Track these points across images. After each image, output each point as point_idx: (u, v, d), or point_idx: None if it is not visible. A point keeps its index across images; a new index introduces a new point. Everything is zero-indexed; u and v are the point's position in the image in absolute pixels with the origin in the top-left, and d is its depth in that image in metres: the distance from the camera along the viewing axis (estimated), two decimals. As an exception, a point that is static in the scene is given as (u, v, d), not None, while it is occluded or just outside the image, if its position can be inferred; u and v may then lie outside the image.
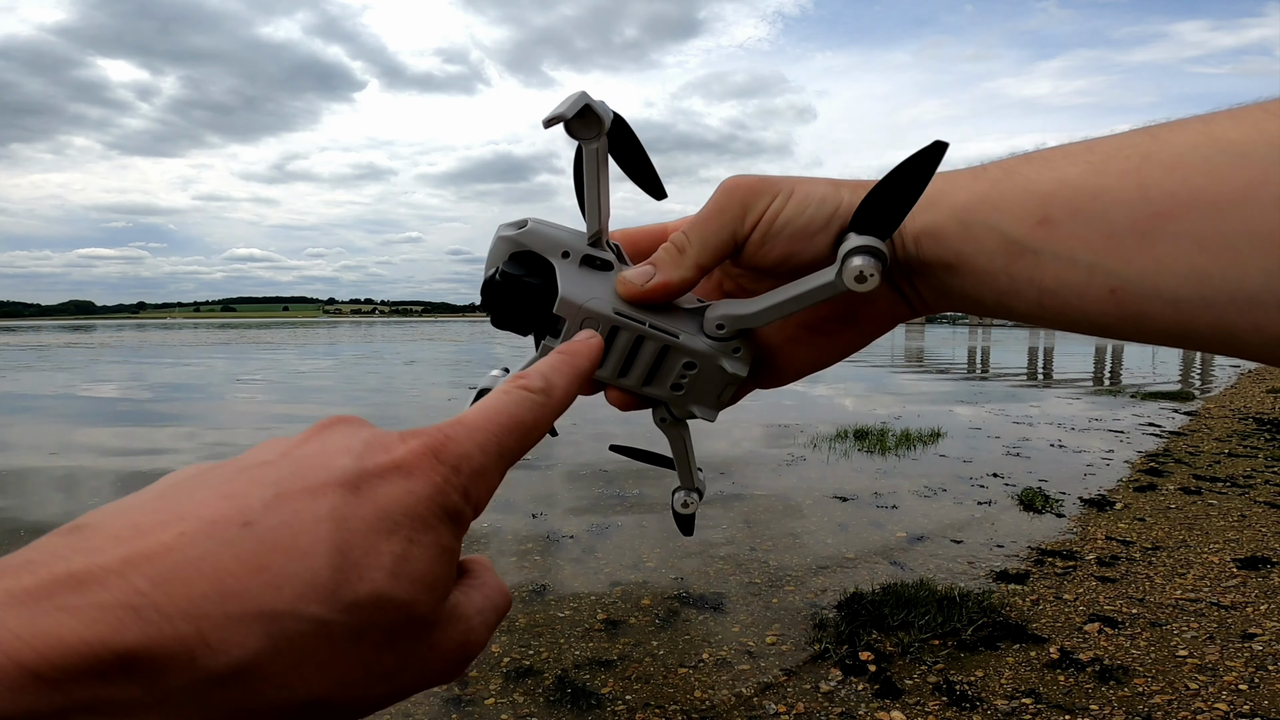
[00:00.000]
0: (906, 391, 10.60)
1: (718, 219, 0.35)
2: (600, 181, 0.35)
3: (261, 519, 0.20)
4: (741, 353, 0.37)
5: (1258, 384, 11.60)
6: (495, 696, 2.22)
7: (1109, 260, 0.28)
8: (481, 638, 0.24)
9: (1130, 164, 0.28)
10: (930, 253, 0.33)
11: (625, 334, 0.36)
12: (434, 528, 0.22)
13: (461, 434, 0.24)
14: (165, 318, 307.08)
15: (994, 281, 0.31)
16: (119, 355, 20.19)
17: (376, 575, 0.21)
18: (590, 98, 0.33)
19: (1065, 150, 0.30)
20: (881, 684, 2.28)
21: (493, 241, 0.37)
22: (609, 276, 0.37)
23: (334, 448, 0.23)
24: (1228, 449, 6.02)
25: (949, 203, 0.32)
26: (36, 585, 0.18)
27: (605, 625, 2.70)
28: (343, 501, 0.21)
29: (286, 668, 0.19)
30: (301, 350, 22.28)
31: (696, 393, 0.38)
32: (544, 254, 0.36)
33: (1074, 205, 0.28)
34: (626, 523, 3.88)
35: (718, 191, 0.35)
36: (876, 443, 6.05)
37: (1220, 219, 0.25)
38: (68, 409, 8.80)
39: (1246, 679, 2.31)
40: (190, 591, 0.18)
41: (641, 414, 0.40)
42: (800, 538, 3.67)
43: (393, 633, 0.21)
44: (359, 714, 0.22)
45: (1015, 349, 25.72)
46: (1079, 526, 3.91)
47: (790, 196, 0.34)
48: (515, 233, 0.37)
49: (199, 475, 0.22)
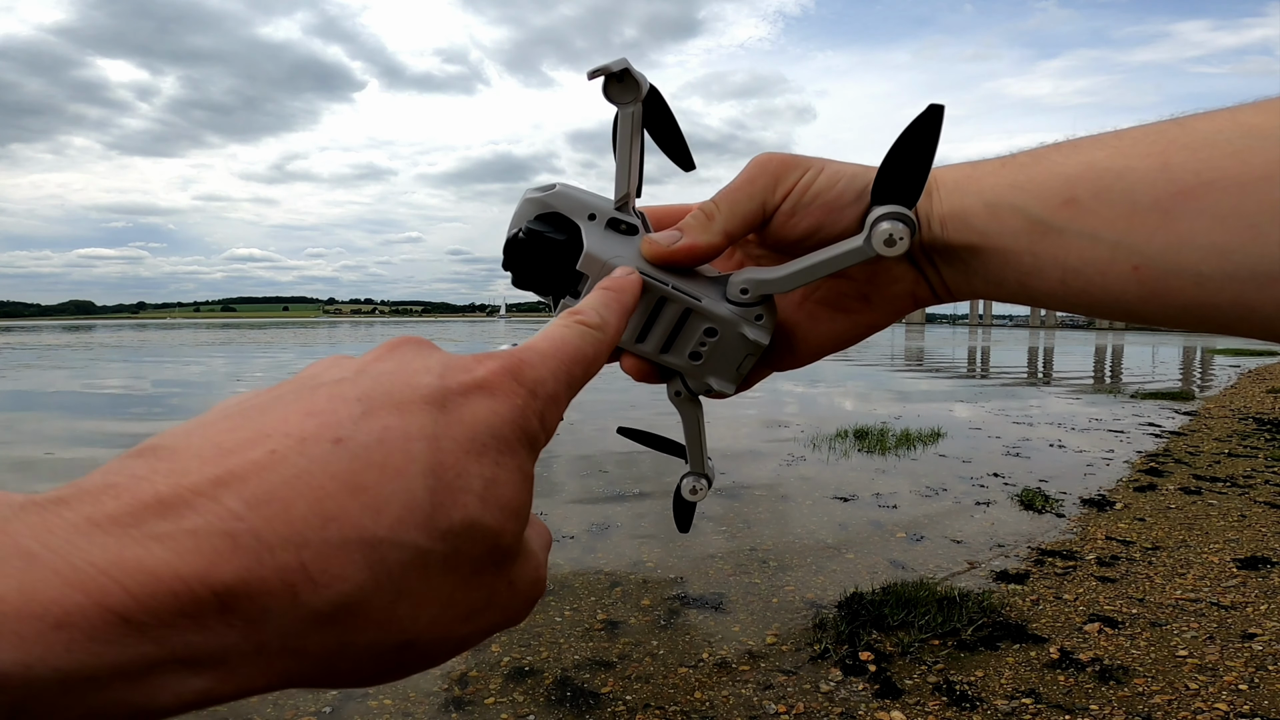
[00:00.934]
0: (906, 391, 10.61)
1: (748, 188, 0.35)
2: (632, 146, 0.35)
3: (353, 435, 0.19)
4: (764, 320, 0.36)
5: (1258, 384, 11.61)
6: (495, 696, 2.22)
7: (1132, 237, 0.28)
8: (545, 576, 0.24)
9: (1155, 147, 0.28)
10: (956, 235, 0.33)
11: (647, 296, 0.36)
12: (516, 451, 0.21)
13: (535, 359, 0.24)
14: (165, 318, 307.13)
15: (1018, 261, 0.32)
16: (119, 355, 20.20)
17: (469, 500, 0.19)
18: (631, 64, 0.34)
19: (1094, 138, 0.31)
20: (881, 684, 2.28)
21: (519, 204, 0.38)
22: (634, 240, 0.36)
23: (414, 366, 0.22)
24: (1228, 449, 6.02)
25: (975, 187, 0.33)
26: (121, 511, 0.16)
27: (605, 625, 2.69)
28: (432, 420, 0.20)
29: (386, 604, 0.18)
30: (301, 351, 22.29)
31: (715, 362, 0.38)
32: (570, 215, 0.36)
33: (1099, 185, 0.29)
34: (626, 522, 3.88)
35: (750, 164, 0.35)
36: (876, 443, 6.05)
37: (1243, 196, 0.26)
38: (67, 408, 8.80)
39: (1246, 679, 2.31)
40: (290, 515, 0.17)
41: (644, 411, 0.40)
42: (800, 538, 3.67)
43: (480, 565, 0.20)
44: (439, 659, 0.21)
45: (1015, 349, 25.72)
46: (1079, 526, 3.91)
47: (821, 171, 0.35)
48: (543, 194, 0.37)
49: (268, 394, 0.21)
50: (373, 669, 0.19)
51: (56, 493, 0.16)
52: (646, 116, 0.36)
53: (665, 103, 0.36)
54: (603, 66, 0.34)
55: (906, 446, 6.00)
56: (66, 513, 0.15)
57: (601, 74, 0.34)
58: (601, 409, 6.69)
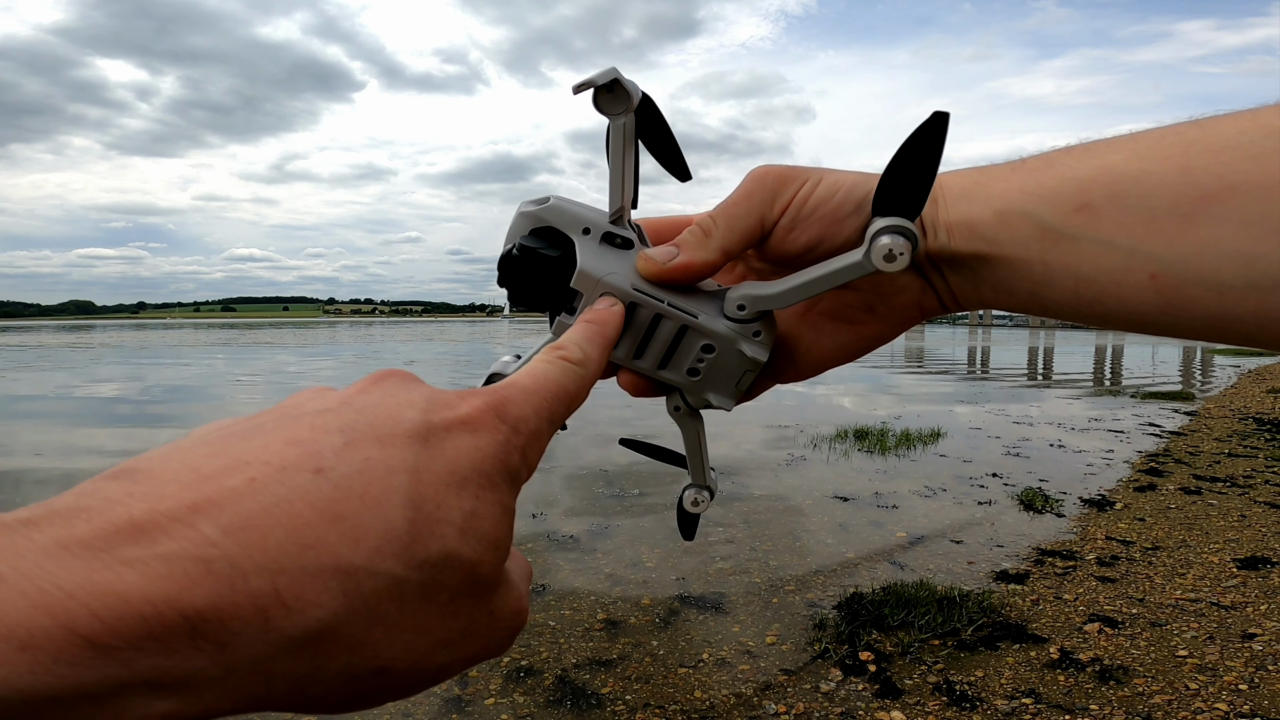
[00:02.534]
0: (906, 391, 10.60)
1: (745, 203, 0.34)
2: (625, 158, 0.35)
3: (334, 465, 0.19)
4: (762, 336, 0.36)
5: (1258, 384, 11.61)
6: (495, 696, 2.22)
7: (1150, 244, 0.27)
8: (527, 607, 0.24)
9: (1175, 149, 0.27)
10: (963, 244, 0.32)
11: (643, 312, 0.35)
12: (498, 486, 0.22)
13: (518, 396, 0.24)
14: (165, 318, 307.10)
15: (1029, 271, 0.31)
16: (120, 355, 20.19)
17: (448, 532, 0.20)
18: (620, 74, 0.33)
19: (1108, 141, 0.30)
20: (881, 684, 2.28)
21: (513, 218, 0.37)
22: (629, 255, 0.36)
23: (398, 400, 0.22)
24: (1228, 449, 6.02)
25: (984, 194, 0.32)
26: (92, 534, 0.15)
27: (605, 625, 2.69)
28: (414, 454, 0.20)
29: (359, 631, 0.18)
30: (302, 351, 22.29)
31: (714, 378, 0.37)
32: (565, 230, 0.36)
33: (1114, 190, 0.28)
34: (626, 523, 3.88)
35: (746, 178, 0.35)
36: (876, 443, 6.05)
37: (1267, 202, 0.25)
38: (66, 409, 8.80)
39: (1246, 679, 2.31)
40: (266, 542, 0.17)
41: (644, 416, 0.40)
42: (800, 538, 3.67)
43: (458, 595, 0.20)
44: (417, 687, 0.21)
45: (1015, 349, 25.72)
46: (1079, 526, 3.91)
47: (819, 183, 0.34)
48: (537, 208, 0.36)
49: (249, 422, 0.21)
50: (346, 694, 0.19)
51: (26, 513, 0.16)
52: (639, 126, 0.35)
53: (659, 111, 0.36)
54: (588, 80, 0.33)
55: (906, 446, 6.00)
56: (36, 534, 0.15)
57: (588, 87, 0.33)
58: (603, 417, 6.70)
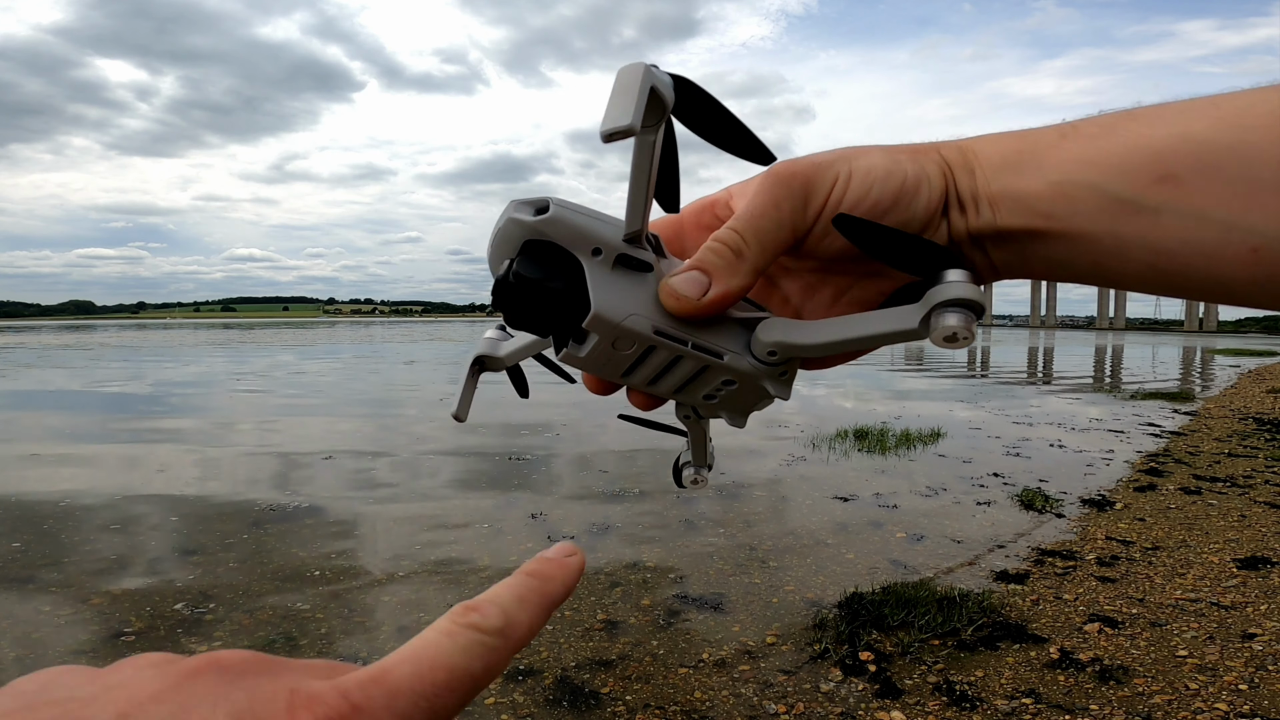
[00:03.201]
0: (906, 391, 10.60)
1: (775, 214, 0.30)
2: (651, 175, 0.29)
3: None
4: (788, 375, 0.33)
5: (1258, 384, 11.61)
6: (495, 696, 2.22)
7: (1251, 218, 0.26)
8: None
9: (1271, 119, 0.26)
10: (1013, 219, 0.30)
11: (664, 352, 0.32)
12: None
13: (380, 701, 0.17)
14: (165, 318, 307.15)
15: (1095, 245, 0.29)
16: (120, 356, 20.20)
17: None
18: (656, 77, 0.27)
19: (1180, 106, 0.28)
20: (881, 684, 2.28)
21: (502, 222, 0.30)
22: (648, 281, 0.31)
23: (193, 713, 0.16)
24: (1228, 449, 6.02)
25: (1034, 164, 0.29)
26: None
27: (605, 625, 2.69)
28: None
29: None
30: (301, 351, 22.29)
31: (730, 404, 0.35)
32: (570, 249, 0.30)
33: (1204, 160, 0.26)
34: (626, 522, 3.88)
35: (769, 181, 0.31)
36: (876, 443, 6.05)
37: None
38: (66, 409, 8.80)
39: (1246, 679, 2.31)
40: None
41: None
42: (800, 538, 3.67)
43: None
44: None
45: (1015, 349, 25.72)
46: (1079, 526, 3.91)
47: (850, 179, 0.30)
48: (534, 219, 0.30)
49: None
50: None
51: None
52: (686, 120, 0.30)
53: (704, 95, 0.29)
54: (620, 128, 0.25)
55: (906, 446, 6.00)
56: None
57: (624, 137, 0.26)
58: (602, 415, 6.69)
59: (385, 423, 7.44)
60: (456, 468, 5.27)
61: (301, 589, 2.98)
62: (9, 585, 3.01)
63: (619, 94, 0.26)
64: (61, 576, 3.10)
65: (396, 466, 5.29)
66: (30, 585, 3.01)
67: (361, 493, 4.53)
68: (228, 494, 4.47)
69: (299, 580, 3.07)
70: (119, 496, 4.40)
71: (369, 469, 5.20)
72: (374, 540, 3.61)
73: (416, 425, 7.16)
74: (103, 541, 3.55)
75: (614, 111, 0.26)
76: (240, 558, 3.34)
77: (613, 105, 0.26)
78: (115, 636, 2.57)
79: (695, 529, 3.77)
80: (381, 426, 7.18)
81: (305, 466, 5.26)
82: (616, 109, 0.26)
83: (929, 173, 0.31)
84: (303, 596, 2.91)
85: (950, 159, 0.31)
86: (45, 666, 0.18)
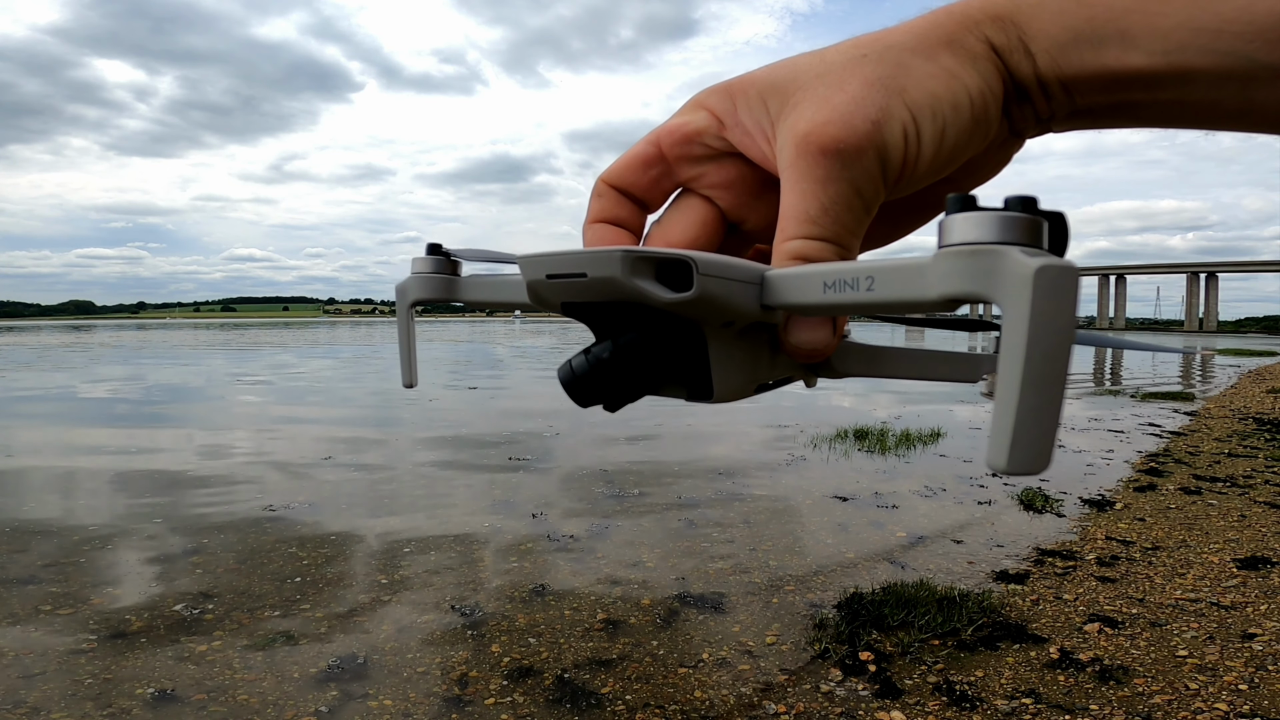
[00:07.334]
0: (906, 391, 10.60)
1: (861, 202, 0.26)
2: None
3: None
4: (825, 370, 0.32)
5: (1258, 384, 11.60)
6: (495, 696, 2.22)
7: None
8: None
9: None
10: (1098, 98, 0.26)
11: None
12: None
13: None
14: (165, 318, 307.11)
15: (1214, 109, 0.25)
16: (119, 355, 20.19)
17: None
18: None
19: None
20: (881, 684, 2.28)
21: (594, 256, 0.23)
22: (761, 338, 0.26)
23: None
24: (1228, 449, 6.02)
25: (1118, 34, 0.24)
26: None
27: (605, 625, 2.69)
28: None
29: None
30: (301, 351, 22.29)
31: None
32: (701, 322, 0.24)
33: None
34: (626, 523, 3.88)
35: (834, 162, 0.25)
36: (876, 443, 6.05)
37: None
38: (66, 409, 8.80)
39: (1246, 679, 2.31)
40: None
41: (640, 417, 0.39)
42: (800, 538, 3.67)
43: None
44: None
45: (1015, 349, 25.66)
46: (1079, 526, 3.91)
47: (919, 131, 0.25)
48: (673, 297, 0.22)
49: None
50: None
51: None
52: None
53: None
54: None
55: (906, 446, 6.00)
56: None
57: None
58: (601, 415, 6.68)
59: (385, 423, 7.44)
60: (456, 467, 5.27)
61: (301, 589, 2.98)
62: (9, 585, 3.01)
63: None
64: (62, 576, 3.10)
65: (396, 466, 5.29)
66: (30, 585, 3.01)
67: (361, 493, 4.53)
68: (228, 494, 4.47)
69: (299, 580, 3.07)
70: (119, 496, 4.40)
71: (369, 469, 5.20)
72: (373, 540, 3.61)
73: (417, 426, 7.17)
74: (102, 541, 3.55)
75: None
76: (240, 558, 3.34)
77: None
78: (115, 636, 2.57)
79: (695, 529, 3.77)
80: (381, 427, 7.19)
81: (305, 467, 5.26)
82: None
83: (988, 79, 0.26)
84: (303, 596, 2.91)
85: (997, 41, 0.26)
86: (44, 667, 0.18)
